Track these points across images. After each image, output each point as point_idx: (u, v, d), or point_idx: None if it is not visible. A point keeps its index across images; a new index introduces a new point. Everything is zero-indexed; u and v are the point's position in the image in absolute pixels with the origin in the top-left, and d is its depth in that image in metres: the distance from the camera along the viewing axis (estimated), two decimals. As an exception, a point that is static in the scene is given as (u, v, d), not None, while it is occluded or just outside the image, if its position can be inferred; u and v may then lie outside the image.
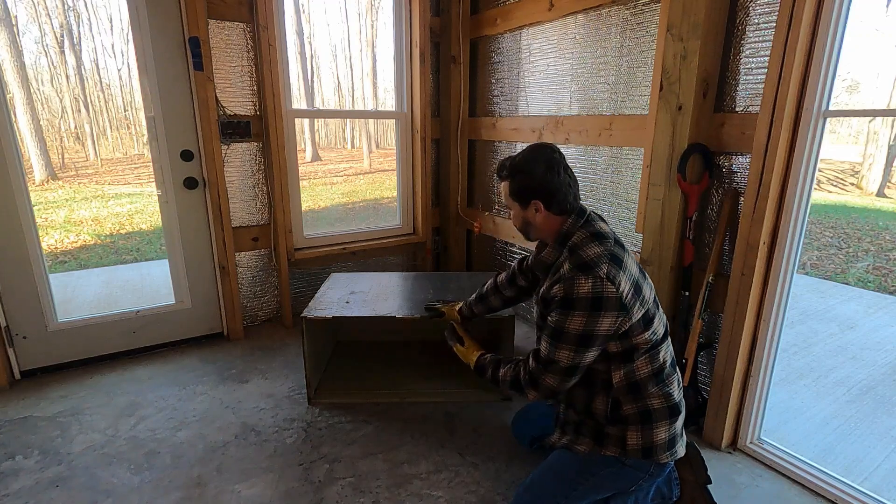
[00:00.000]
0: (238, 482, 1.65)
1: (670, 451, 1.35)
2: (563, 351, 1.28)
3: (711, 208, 1.85)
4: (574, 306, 1.24)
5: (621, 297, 1.23)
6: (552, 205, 1.36)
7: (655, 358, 1.32)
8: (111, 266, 4.97)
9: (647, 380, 1.32)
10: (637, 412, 1.33)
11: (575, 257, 1.30)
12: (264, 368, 2.40)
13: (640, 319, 1.29)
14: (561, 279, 1.29)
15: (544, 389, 1.34)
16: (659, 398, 1.33)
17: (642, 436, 1.33)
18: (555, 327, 1.28)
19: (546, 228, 1.40)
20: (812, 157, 1.54)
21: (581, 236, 1.33)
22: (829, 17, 1.43)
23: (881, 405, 2.21)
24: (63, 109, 12.61)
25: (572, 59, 2.37)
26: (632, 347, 1.30)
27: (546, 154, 1.37)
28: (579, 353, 1.27)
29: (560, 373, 1.30)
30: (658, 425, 1.33)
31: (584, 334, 1.25)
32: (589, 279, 1.23)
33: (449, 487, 1.64)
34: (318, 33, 16.60)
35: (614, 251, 1.30)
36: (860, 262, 5.60)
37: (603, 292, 1.22)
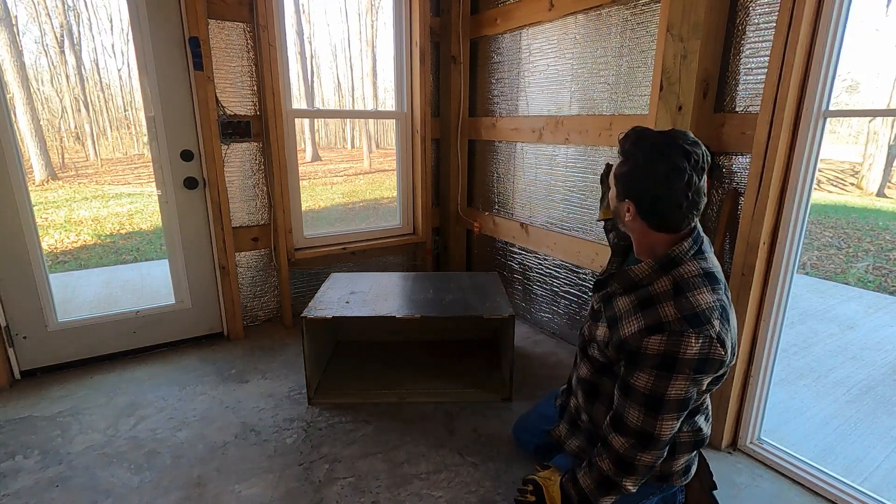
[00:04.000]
0: (238, 482, 1.65)
1: (685, 477, 1.32)
2: (666, 422, 1.09)
3: (711, 208, 1.85)
4: (677, 369, 1.05)
5: (725, 360, 1.07)
6: (650, 215, 1.12)
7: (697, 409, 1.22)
8: (111, 266, 4.97)
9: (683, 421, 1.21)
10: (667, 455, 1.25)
11: (683, 302, 1.07)
12: (264, 368, 2.40)
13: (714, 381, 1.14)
14: (664, 328, 1.06)
15: (643, 471, 1.15)
16: (688, 434, 1.24)
17: (662, 466, 1.26)
18: (651, 394, 1.08)
19: (641, 237, 1.19)
20: (812, 157, 1.54)
21: (692, 272, 1.10)
22: (829, 17, 1.43)
23: (881, 405, 2.21)
24: (63, 109, 12.61)
25: (572, 59, 2.37)
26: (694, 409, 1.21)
27: (676, 153, 1.07)
28: (680, 420, 1.11)
29: (661, 448, 1.13)
30: (679, 456, 1.26)
31: (686, 398, 1.08)
32: (700, 339, 1.04)
33: (449, 487, 1.64)
34: (318, 33, 16.60)
35: (724, 302, 1.10)
36: (860, 262, 5.60)
37: (710, 354, 1.04)
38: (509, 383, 2.13)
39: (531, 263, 2.84)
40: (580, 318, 2.57)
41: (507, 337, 2.15)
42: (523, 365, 2.45)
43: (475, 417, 2.02)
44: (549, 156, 2.60)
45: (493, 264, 3.16)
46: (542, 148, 2.64)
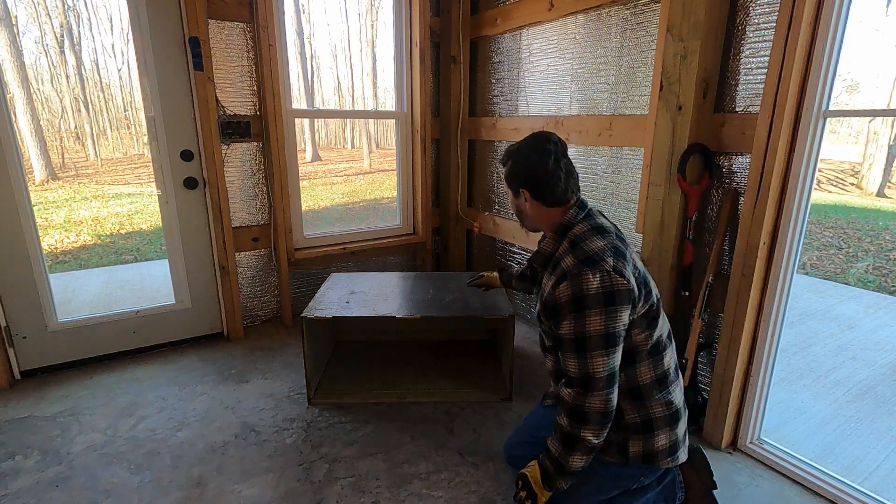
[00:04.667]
0: (238, 482, 1.65)
1: (672, 457, 1.32)
2: (596, 359, 1.17)
3: (711, 208, 1.85)
4: (587, 305, 1.16)
5: (631, 290, 1.18)
6: (541, 195, 1.32)
7: (659, 363, 1.28)
8: (111, 266, 4.97)
9: (650, 386, 1.27)
10: (639, 421, 1.29)
11: (577, 251, 1.23)
12: (264, 368, 2.40)
13: (643, 317, 1.24)
14: (566, 276, 1.21)
15: (595, 415, 1.20)
16: (661, 406, 1.28)
17: (644, 444, 1.29)
18: (575, 337, 1.18)
19: (541, 219, 1.37)
20: (812, 157, 1.54)
21: (582, 229, 1.28)
22: (829, 18, 1.43)
23: (881, 405, 2.21)
24: (63, 109, 12.62)
25: (572, 59, 2.37)
26: (633, 349, 1.25)
27: (540, 142, 1.32)
28: (611, 355, 1.18)
29: (602, 386, 1.19)
30: (659, 433, 1.29)
31: (608, 333, 1.17)
32: (597, 274, 1.16)
33: (449, 487, 1.64)
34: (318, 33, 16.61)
35: (617, 245, 1.24)
36: (860, 262, 5.60)
37: (614, 287, 1.16)
38: (509, 383, 2.13)
39: (531, 263, 2.84)
40: (580, 318, 2.56)
41: (507, 337, 2.15)
42: (523, 365, 2.45)
43: (475, 417, 2.02)
44: (549, 156, 2.60)
45: (493, 264, 3.16)
46: (542, 148, 2.64)
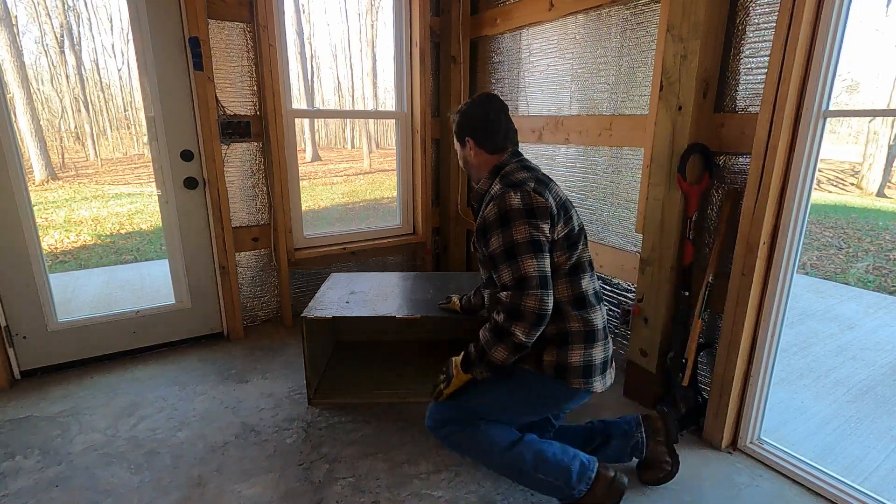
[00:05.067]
0: (238, 482, 1.65)
1: (584, 379, 1.39)
2: (526, 261, 1.30)
3: (711, 208, 1.85)
4: (511, 218, 1.33)
5: (549, 208, 1.35)
6: (483, 142, 1.50)
7: (577, 284, 1.40)
8: (111, 266, 4.97)
9: (567, 303, 1.39)
10: (556, 333, 1.39)
11: (504, 180, 1.41)
12: (264, 368, 2.40)
13: (564, 240, 1.38)
14: (493, 198, 1.38)
15: (529, 314, 1.29)
16: (578, 322, 1.39)
17: (557, 355, 1.39)
18: (504, 248, 1.33)
19: (482, 166, 1.53)
20: (812, 157, 1.54)
21: (512, 167, 1.46)
22: (829, 17, 1.43)
23: (881, 405, 2.21)
24: (63, 109, 12.62)
25: (572, 59, 2.37)
26: (554, 269, 1.37)
27: (482, 99, 1.53)
28: (540, 259, 1.31)
29: (536, 286, 1.30)
30: (573, 348, 1.39)
31: (534, 240, 1.32)
32: (518, 193, 1.35)
33: (449, 487, 1.64)
34: (318, 33, 16.62)
35: (539, 177, 1.43)
36: (860, 262, 5.60)
37: (533, 202, 1.34)
38: (509, 383, 2.13)
39: (531, 263, 2.84)
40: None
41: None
42: (523, 365, 2.44)
43: (475, 417, 2.02)
44: (549, 156, 2.60)
45: (493, 264, 3.16)
46: (542, 148, 2.64)
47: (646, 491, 1.61)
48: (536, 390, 1.44)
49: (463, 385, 1.49)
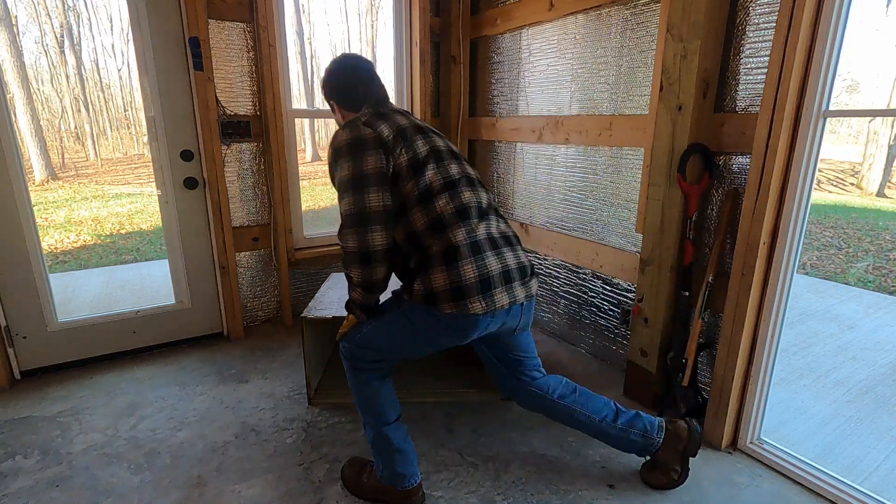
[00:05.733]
0: (238, 482, 1.65)
1: (454, 303, 1.30)
2: (345, 199, 1.34)
3: (711, 208, 1.85)
4: (339, 155, 1.36)
5: (379, 136, 1.35)
6: (343, 102, 1.53)
7: (431, 209, 1.36)
8: (111, 266, 4.97)
9: (424, 230, 1.36)
10: (420, 261, 1.36)
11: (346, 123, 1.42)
12: (264, 368, 2.40)
13: (408, 167, 1.36)
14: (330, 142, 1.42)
15: (351, 253, 1.35)
16: (438, 245, 1.34)
17: (423, 282, 1.34)
18: (339, 183, 1.36)
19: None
20: (812, 157, 1.54)
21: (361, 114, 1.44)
22: (829, 17, 1.43)
23: (881, 405, 2.21)
24: (63, 109, 12.62)
25: (572, 59, 2.37)
26: (405, 200, 1.37)
27: (339, 61, 1.55)
28: (358, 196, 1.32)
29: (351, 223, 1.33)
30: (435, 272, 1.32)
31: (355, 176, 1.33)
32: (347, 129, 1.37)
33: (449, 487, 1.64)
34: (318, 33, 16.62)
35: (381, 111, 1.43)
36: (860, 262, 5.60)
37: (360, 134, 1.35)
38: (509, 383, 2.13)
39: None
40: (580, 318, 2.57)
41: (507, 337, 2.15)
42: (523, 365, 2.44)
43: (475, 417, 2.02)
44: (549, 156, 2.60)
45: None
46: (542, 148, 2.64)
47: (646, 491, 1.61)
48: (419, 322, 1.39)
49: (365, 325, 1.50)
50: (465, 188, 1.42)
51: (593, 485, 1.64)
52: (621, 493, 1.61)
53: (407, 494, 1.52)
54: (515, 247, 1.45)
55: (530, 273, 1.46)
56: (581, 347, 2.60)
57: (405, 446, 1.53)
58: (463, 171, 1.46)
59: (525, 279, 1.42)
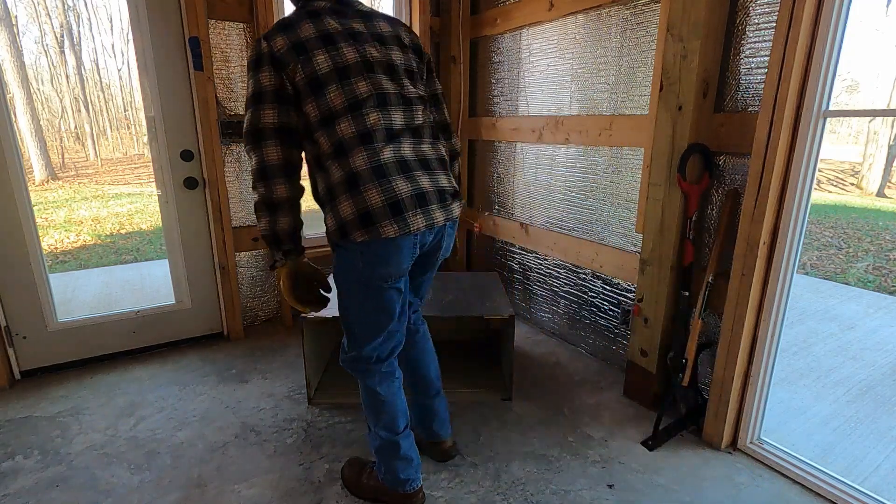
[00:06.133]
0: (238, 482, 1.65)
1: (364, 229, 1.26)
2: (245, 117, 1.31)
3: (711, 208, 1.85)
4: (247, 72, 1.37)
5: (272, 52, 1.26)
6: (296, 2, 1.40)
7: (332, 133, 1.29)
8: (111, 266, 4.97)
9: (328, 156, 1.30)
10: (328, 191, 1.32)
11: None
12: (264, 368, 2.40)
13: (307, 86, 1.27)
14: None
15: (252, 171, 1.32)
16: (339, 171, 1.29)
17: (333, 214, 1.31)
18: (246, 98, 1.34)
19: None
20: (812, 157, 1.54)
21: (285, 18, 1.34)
22: (829, 17, 1.43)
23: (881, 405, 2.21)
24: (63, 109, 12.62)
25: (572, 59, 2.37)
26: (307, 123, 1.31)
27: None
28: (255, 113, 1.28)
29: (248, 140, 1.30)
30: (341, 200, 1.29)
31: (254, 93, 1.29)
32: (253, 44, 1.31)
33: (449, 487, 1.64)
34: (318, 33, 16.57)
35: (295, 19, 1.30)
36: (860, 262, 5.60)
37: (258, 50, 1.27)
38: (509, 383, 2.13)
39: (531, 263, 2.84)
40: (580, 318, 2.57)
41: (507, 337, 2.15)
42: (523, 365, 2.45)
43: (475, 417, 2.02)
44: (549, 156, 2.60)
45: (493, 264, 3.16)
46: (542, 148, 2.64)
47: (646, 491, 1.62)
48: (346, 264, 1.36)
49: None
50: (372, 109, 1.31)
51: (593, 485, 1.65)
52: (621, 493, 1.61)
53: (407, 497, 1.52)
54: (434, 170, 1.37)
55: (451, 197, 1.38)
56: (581, 347, 2.60)
57: (412, 454, 1.52)
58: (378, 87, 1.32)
59: (445, 203, 1.35)
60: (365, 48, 1.33)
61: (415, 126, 1.38)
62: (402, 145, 1.34)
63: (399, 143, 1.33)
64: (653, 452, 1.80)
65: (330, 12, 1.33)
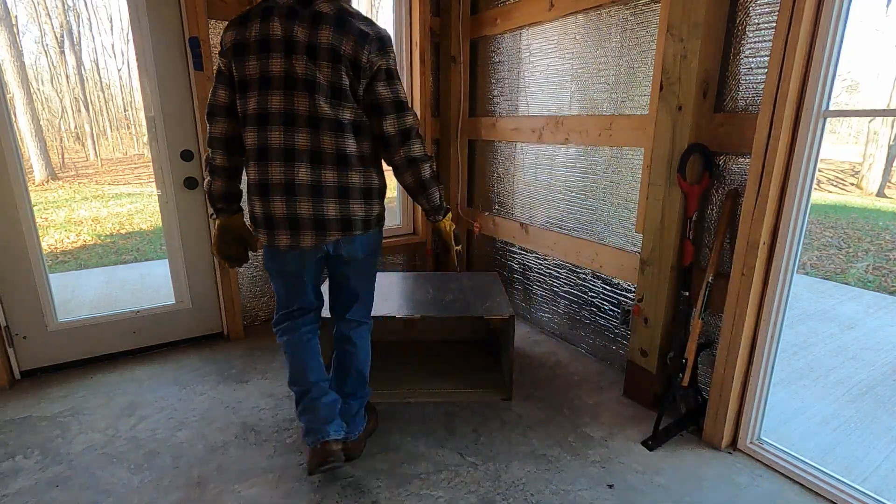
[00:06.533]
0: (238, 482, 1.65)
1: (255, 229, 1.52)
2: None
3: (711, 208, 1.85)
4: None
5: (222, 44, 1.41)
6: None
7: (246, 134, 1.42)
8: (111, 266, 4.97)
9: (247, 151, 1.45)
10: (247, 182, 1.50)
11: None
12: (264, 368, 2.40)
13: (238, 83, 1.40)
14: None
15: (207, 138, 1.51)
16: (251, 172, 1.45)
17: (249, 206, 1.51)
18: None
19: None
20: (812, 157, 1.54)
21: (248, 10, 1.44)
22: (829, 18, 1.43)
23: (881, 405, 2.21)
24: (63, 109, 12.62)
25: (572, 59, 2.37)
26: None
27: None
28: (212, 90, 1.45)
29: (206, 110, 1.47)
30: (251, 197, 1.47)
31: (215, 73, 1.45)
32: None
33: (449, 487, 1.64)
34: (318, 33, 16.55)
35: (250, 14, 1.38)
36: (860, 262, 5.60)
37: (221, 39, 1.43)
38: (509, 383, 2.13)
39: (531, 263, 2.84)
40: (580, 318, 2.57)
41: (507, 337, 2.15)
42: (523, 365, 2.45)
43: (475, 417, 2.02)
44: (549, 156, 2.60)
45: (493, 264, 3.16)
46: (542, 148, 2.64)
47: (646, 491, 1.62)
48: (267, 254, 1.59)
49: None
50: (275, 127, 1.37)
51: (593, 485, 1.65)
52: (621, 493, 1.61)
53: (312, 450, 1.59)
54: (325, 198, 1.42)
55: (336, 227, 1.46)
56: (581, 347, 2.60)
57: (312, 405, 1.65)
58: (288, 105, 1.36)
59: (323, 231, 1.45)
60: (292, 62, 1.34)
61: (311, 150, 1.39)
62: (297, 168, 1.40)
63: (293, 165, 1.39)
64: (653, 452, 1.80)
65: (282, 12, 1.35)
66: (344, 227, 1.47)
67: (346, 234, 1.48)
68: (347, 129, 1.39)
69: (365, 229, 1.51)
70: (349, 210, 1.46)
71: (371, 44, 1.35)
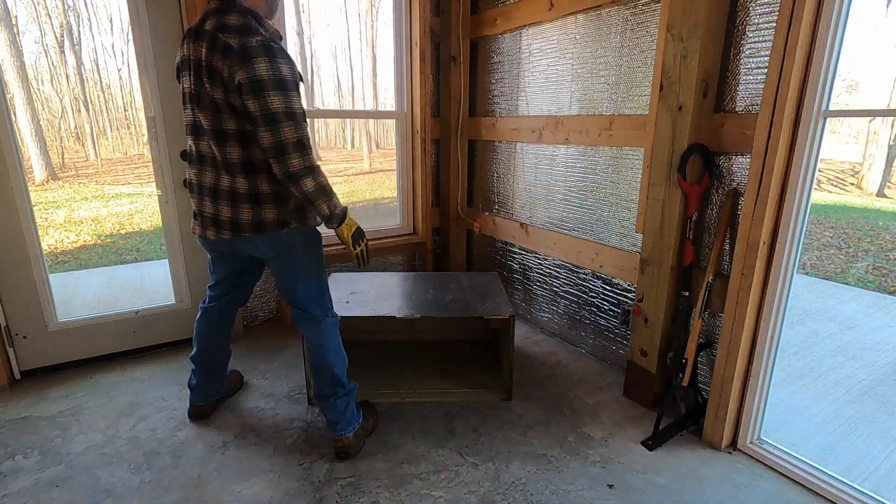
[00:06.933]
0: (238, 482, 1.65)
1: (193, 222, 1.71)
2: None
3: (711, 208, 1.85)
4: None
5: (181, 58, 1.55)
6: None
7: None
8: (111, 266, 4.97)
9: None
10: None
11: None
12: (264, 368, 2.40)
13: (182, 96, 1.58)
14: None
15: None
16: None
17: None
18: None
19: None
20: (812, 157, 1.54)
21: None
22: (829, 18, 1.43)
23: (881, 405, 2.21)
24: (63, 109, 12.61)
25: (572, 59, 2.37)
26: None
27: None
28: None
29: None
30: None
31: None
32: None
33: (449, 487, 1.64)
34: (318, 33, 16.58)
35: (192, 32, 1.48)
36: (860, 262, 5.60)
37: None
38: (509, 383, 2.13)
39: (531, 263, 2.84)
40: (580, 318, 2.57)
41: (507, 337, 2.15)
42: (523, 365, 2.45)
43: (475, 417, 2.02)
44: (549, 156, 2.60)
45: (493, 264, 3.16)
46: (542, 148, 2.64)
47: (646, 491, 1.62)
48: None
49: None
50: (191, 136, 1.59)
51: (593, 485, 1.65)
52: (621, 493, 1.61)
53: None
54: (219, 200, 1.57)
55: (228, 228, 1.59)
56: (581, 347, 2.60)
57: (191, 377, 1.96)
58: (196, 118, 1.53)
59: (219, 230, 1.61)
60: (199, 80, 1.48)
61: (216, 158, 1.54)
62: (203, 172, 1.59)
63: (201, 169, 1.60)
64: (653, 452, 1.80)
65: (196, 34, 1.47)
66: (233, 228, 1.59)
67: (238, 235, 1.59)
68: (231, 138, 1.49)
69: (260, 231, 1.57)
70: (238, 213, 1.57)
71: (232, 57, 1.38)
